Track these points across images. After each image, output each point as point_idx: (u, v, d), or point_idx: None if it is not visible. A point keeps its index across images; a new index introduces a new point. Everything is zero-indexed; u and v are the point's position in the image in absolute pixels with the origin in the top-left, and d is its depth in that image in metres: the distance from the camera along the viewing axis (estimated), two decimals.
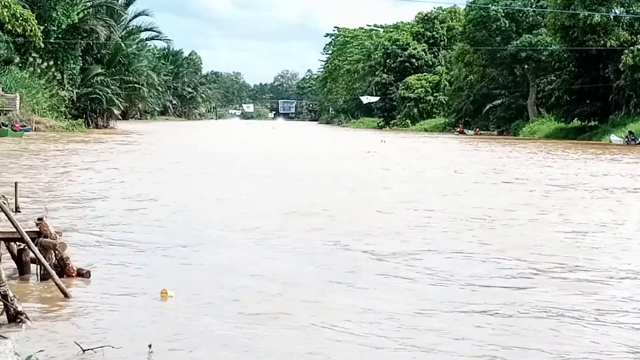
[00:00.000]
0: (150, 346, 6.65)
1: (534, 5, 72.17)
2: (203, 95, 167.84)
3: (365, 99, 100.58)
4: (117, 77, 70.41)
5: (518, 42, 70.25)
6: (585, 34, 58.41)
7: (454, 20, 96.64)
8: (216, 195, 19.13)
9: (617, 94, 59.93)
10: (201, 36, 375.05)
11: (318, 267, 10.63)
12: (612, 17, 58.64)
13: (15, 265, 9.56)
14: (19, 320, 7.30)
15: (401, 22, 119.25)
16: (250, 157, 35.34)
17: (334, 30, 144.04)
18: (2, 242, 9.29)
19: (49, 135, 50.33)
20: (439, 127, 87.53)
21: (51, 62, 60.75)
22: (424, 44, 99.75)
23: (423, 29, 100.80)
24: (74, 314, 7.85)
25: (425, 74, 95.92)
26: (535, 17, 72.19)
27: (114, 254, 11.10)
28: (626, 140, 52.26)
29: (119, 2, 73.11)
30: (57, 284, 8.41)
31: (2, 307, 7.42)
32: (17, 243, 9.34)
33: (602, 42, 57.98)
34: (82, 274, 9.19)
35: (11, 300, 7.34)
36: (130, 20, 77.62)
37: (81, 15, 64.95)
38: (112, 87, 68.29)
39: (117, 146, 42.34)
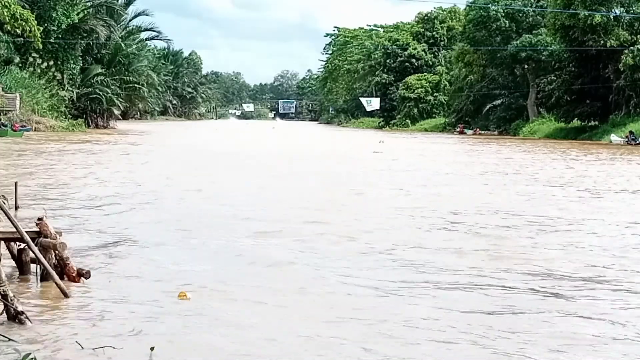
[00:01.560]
0: (152, 349, 6.62)
1: (534, 5, 72.15)
2: (203, 95, 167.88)
3: (366, 104, 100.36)
4: (117, 77, 70.42)
5: (518, 42, 70.23)
6: (585, 34, 58.39)
7: (454, 20, 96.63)
8: (219, 196, 19.13)
9: (617, 94, 59.89)
10: (201, 36, 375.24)
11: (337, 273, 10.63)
12: (612, 17, 58.61)
13: (15, 265, 9.55)
14: (19, 320, 7.29)
15: (401, 22, 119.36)
16: (254, 158, 35.31)
17: (334, 30, 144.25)
18: (2, 242, 9.28)
19: (49, 135, 50.32)
20: (439, 127, 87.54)
21: (51, 62, 60.74)
22: (424, 44, 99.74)
23: (423, 29, 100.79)
24: (74, 314, 7.84)
25: (425, 74, 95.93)
26: (535, 17, 72.17)
27: (115, 253, 11.09)
28: (626, 140, 52.22)
29: (119, 2, 73.11)
30: (57, 284, 8.40)
31: (2, 307, 7.42)
32: (17, 243, 9.33)
33: (602, 42, 57.95)
34: (82, 273, 9.17)
35: (11, 300, 7.33)
36: (130, 20, 77.70)
37: (81, 15, 64.96)
38: (112, 87, 68.30)
39: (118, 146, 42.34)
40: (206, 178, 23.63)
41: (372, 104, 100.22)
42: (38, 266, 8.98)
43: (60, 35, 60.61)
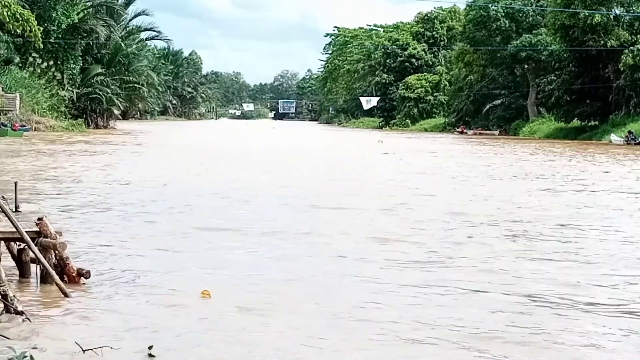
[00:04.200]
0: (150, 348, 6.63)
1: (534, 5, 72.19)
2: (203, 95, 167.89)
3: (365, 103, 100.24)
4: (117, 77, 70.39)
5: (518, 42, 70.25)
6: (585, 33, 58.40)
7: (454, 20, 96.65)
8: (229, 198, 19.09)
9: (617, 94, 59.91)
10: (201, 36, 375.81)
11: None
12: (612, 17, 58.64)
13: (15, 265, 9.54)
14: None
15: (401, 22, 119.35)
16: (261, 159, 35.26)
17: (334, 30, 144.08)
18: (2, 242, 9.28)
19: (49, 135, 50.32)
20: (439, 127, 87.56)
21: (51, 62, 60.73)
22: (424, 44, 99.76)
23: (423, 29, 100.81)
24: (73, 314, 7.83)
25: (425, 74, 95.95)
26: (535, 17, 72.21)
27: (115, 253, 11.09)
28: (626, 140, 52.24)
29: (119, 2, 73.09)
30: (57, 284, 8.40)
31: (2, 307, 7.41)
32: (17, 243, 9.32)
33: (602, 42, 57.97)
34: (82, 274, 9.16)
35: (11, 300, 7.33)
36: (130, 20, 77.70)
37: (81, 15, 64.94)
38: (112, 87, 68.29)
39: (120, 146, 42.33)
40: (214, 178, 23.64)
41: (371, 102, 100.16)
42: (38, 266, 8.98)
43: (60, 35, 60.60)
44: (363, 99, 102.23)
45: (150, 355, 6.55)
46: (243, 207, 16.79)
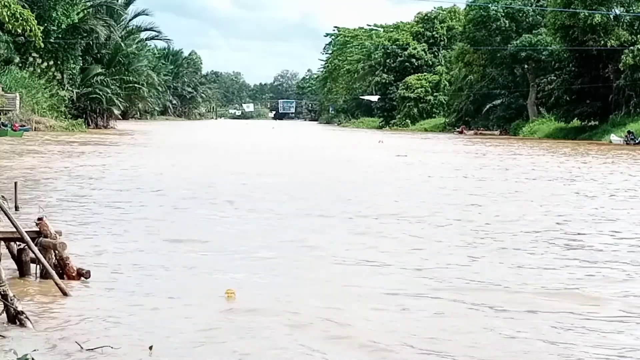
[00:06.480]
0: (151, 348, 6.62)
1: (534, 5, 72.19)
2: (203, 95, 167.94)
3: (370, 98, 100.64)
4: (117, 77, 70.41)
5: (518, 42, 70.25)
6: (585, 33, 58.39)
7: (454, 20, 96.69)
8: (236, 197, 19.08)
9: (617, 94, 59.90)
10: (201, 36, 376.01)
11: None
12: (612, 17, 58.64)
13: (15, 265, 9.54)
14: (19, 320, 7.29)
15: (401, 22, 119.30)
16: (270, 160, 35.19)
17: (334, 30, 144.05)
18: (2, 242, 9.27)
19: (49, 135, 50.30)
20: (439, 126, 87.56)
21: (51, 62, 60.73)
22: (423, 44, 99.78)
23: (423, 29, 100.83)
24: (73, 314, 7.82)
25: (425, 73, 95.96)
26: (535, 17, 72.22)
27: (115, 253, 11.08)
28: (626, 140, 52.23)
29: (119, 2, 73.10)
30: (57, 284, 8.39)
31: (2, 307, 7.41)
32: (17, 243, 9.32)
33: (602, 42, 57.96)
34: (82, 273, 9.16)
35: (11, 300, 7.32)
36: (130, 20, 77.72)
37: (81, 15, 64.92)
38: (112, 87, 68.32)
39: (120, 146, 42.32)
40: (218, 177, 23.63)
41: (373, 98, 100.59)
42: (38, 266, 8.98)
43: (60, 35, 60.60)
44: (367, 97, 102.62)
45: (151, 354, 6.55)
46: (259, 206, 16.78)
